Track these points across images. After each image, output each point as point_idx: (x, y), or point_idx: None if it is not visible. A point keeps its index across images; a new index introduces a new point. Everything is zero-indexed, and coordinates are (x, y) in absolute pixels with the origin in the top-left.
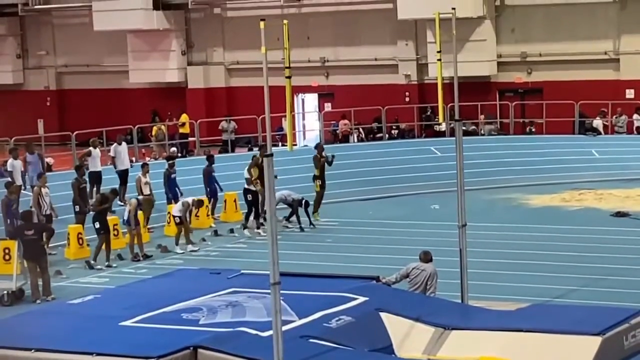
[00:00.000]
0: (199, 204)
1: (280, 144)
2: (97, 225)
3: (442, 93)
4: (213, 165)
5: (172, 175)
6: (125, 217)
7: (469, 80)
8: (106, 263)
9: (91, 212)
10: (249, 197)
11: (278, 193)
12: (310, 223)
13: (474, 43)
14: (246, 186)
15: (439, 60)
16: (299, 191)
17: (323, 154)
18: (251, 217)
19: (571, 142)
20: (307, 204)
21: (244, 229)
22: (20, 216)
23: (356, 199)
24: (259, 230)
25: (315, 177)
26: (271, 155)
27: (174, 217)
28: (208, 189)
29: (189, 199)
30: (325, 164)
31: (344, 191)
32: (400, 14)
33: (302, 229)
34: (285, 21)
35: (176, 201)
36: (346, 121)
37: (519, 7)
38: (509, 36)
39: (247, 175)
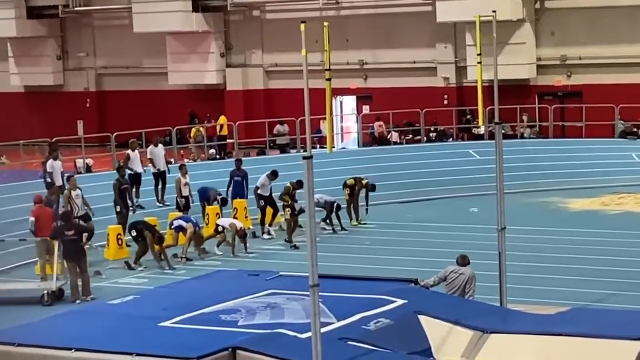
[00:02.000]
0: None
1: (318, 146)
2: (134, 233)
3: (482, 96)
4: (240, 170)
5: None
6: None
7: (508, 83)
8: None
9: (131, 215)
10: (262, 202)
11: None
12: (341, 227)
13: (514, 46)
14: (259, 192)
15: (479, 63)
16: (334, 194)
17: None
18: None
19: (611, 146)
20: (338, 207)
21: (262, 234)
22: (60, 216)
23: (394, 201)
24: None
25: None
26: (311, 157)
27: (217, 225)
28: (232, 192)
29: (238, 225)
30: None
31: (382, 194)
32: (439, 17)
33: (335, 231)
34: (325, 23)
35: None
36: (381, 122)
37: (558, 10)
38: (548, 39)
39: (279, 201)
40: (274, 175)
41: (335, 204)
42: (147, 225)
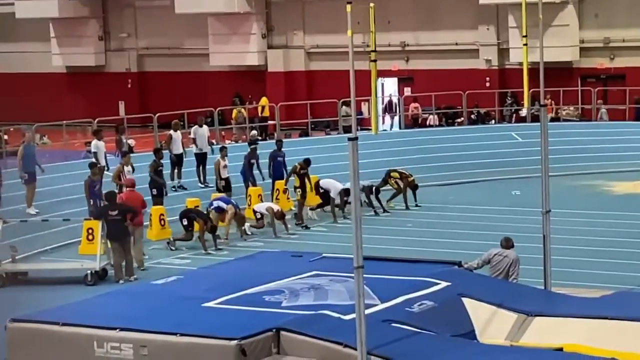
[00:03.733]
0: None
1: (359, 128)
2: (185, 222)
3: (527, 78)
4: (281, 151)
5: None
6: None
7: (551, 65)
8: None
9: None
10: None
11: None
12: (383, 209)
13: (557, 28)
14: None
15: (525, 45)
16: (377, 176)
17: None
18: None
19: None
20: (377, 190)
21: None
22: (104, 196)
23: (437, 184)
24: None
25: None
26: (356, 139)
27: (255, 212)
28: (272, 174)
29: (275, 207)
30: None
31: (424, 176)
32: None
33: (377, 213)
34: (371, 4)
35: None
36: (417, 104)
37: None
38: (592, 21)
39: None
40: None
41: (373, 187)
42: (200, 213)
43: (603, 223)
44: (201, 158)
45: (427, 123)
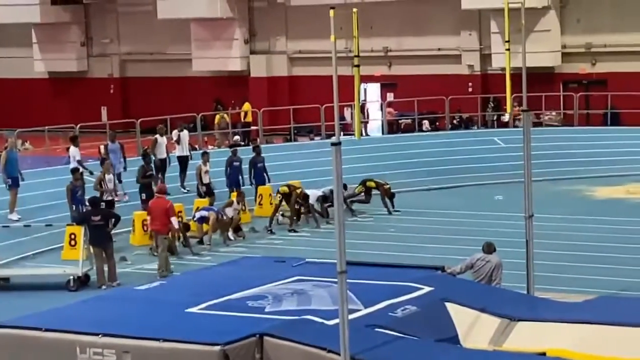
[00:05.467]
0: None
1: (342, 133)
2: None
3: (510, 83)
4: (260, 156)
5: (235, 163)
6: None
7: (533, 71)
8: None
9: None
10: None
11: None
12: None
13: (539, 34)
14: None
15: (508, 50)
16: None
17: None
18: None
19: (636, 134)
20: (349, 195)
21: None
22: (87, 202)
23: (420, 189)
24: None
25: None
26: (339, 143)
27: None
28: (254, 179)
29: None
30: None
31: (406, 181)
32: (464, 4)
33: (355, 215)
34: (354, 9)
35: (238, 189)
36: (390, 109)
37: None
38: (574, 27)
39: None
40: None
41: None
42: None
43: (585, 228)
44: (182, 162)
45: (400, 127)
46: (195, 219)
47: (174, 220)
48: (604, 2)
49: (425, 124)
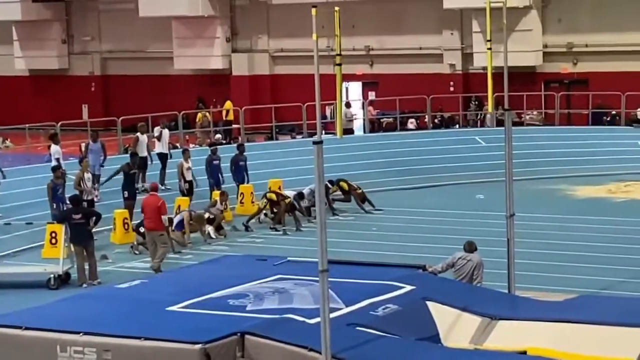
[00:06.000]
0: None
1: (324, 131)
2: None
3: (491, 83)
4: (243, 155)
5: (215, 162)
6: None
7: (514, 70)
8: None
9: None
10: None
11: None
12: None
13: (520, 33)
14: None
15: (489, 49)
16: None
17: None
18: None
19: (617, 134)
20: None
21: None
22: (69, 200)
23: (401, 187)
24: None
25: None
26: (321, 142)
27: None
28: (236, 178)
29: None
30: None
31: (388, 180)
32: (446, 3)
33: (335, 214)
34: (337, 8)
35: (218, 187)
36: (370, 108)
37: None
38: (555, 26)
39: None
40: (300, 197)
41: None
42: None
43: (566, 227)
44: (162, 159)
45: (381, 126)
46: (173, 227)
47: (164, 218)
48: (585, 2)
49: (412, 122)
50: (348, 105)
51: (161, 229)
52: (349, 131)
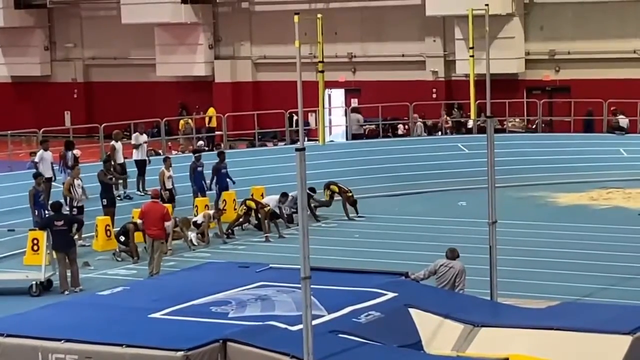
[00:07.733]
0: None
1: (306, 138)
2: (122, 238)
3: (474, 90)
4: (224, 162)
5: (199, 169)
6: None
7: (497, 77)
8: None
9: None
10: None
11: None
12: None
13: (502, 40)
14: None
15: (472, 56)
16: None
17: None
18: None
19: (599, 141)
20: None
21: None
22: (50, 207)
23: (383, 194)
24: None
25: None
26: (304, 149)
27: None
28: (217, 186)
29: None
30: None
31: (370, 187)
32: (428, 11)
33: (318, 220)
34: (319, 15)
35: (202, 194)
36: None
37: (548, 5)
38: (537, 34)
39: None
40: (284, 197)
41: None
42: (136, 225)
43: (549, 234)
44: (140, 165)
45: (364, 133)
46: None
47: (168, 225)
48: (567, 10)
49: (400, 128)
50: (357, 111)
51: (164, 237)
52: (358, 136)
